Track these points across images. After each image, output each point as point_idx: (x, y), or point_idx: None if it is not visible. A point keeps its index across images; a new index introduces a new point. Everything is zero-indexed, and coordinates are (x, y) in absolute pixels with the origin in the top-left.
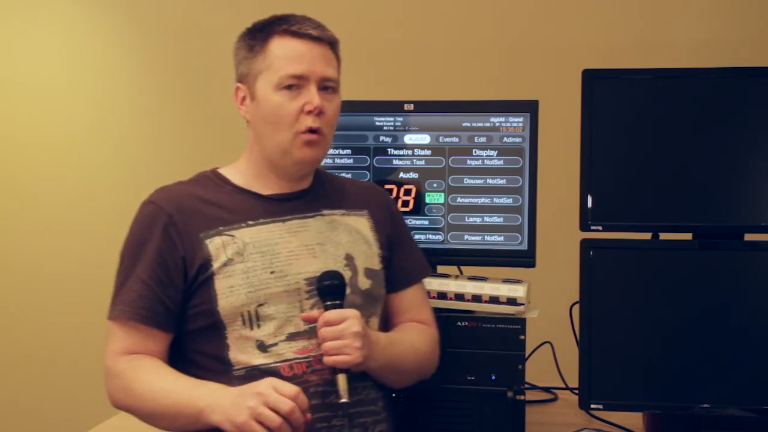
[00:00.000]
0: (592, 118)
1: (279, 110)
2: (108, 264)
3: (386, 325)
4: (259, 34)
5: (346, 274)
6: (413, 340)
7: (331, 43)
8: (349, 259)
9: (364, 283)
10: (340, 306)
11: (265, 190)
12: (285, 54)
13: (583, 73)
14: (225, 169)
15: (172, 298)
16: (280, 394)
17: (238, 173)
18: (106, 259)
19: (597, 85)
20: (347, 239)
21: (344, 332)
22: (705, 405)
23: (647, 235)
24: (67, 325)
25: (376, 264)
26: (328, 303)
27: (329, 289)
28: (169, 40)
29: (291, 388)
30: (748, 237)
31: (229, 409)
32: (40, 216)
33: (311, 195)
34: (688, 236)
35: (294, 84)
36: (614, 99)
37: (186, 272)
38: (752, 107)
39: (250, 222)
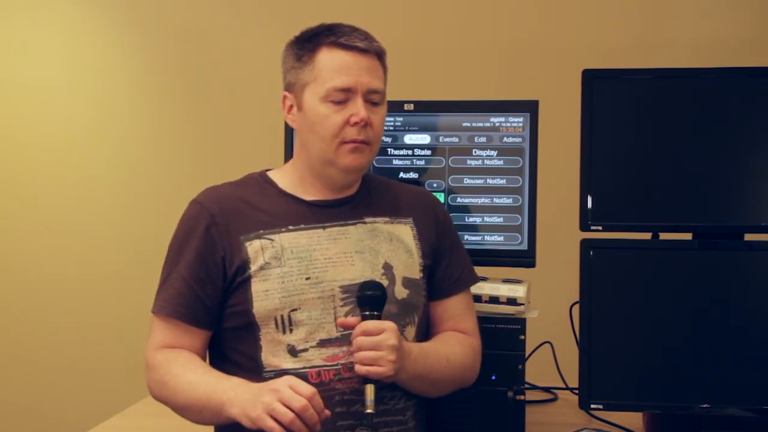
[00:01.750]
0: (592, 118)
1: (325, 121)
2: (108, 264)
3: (428, 333)
4: (307, 45)
5: (383, 282)
6: (449, 350)
7: (379, 54)
8: (387, 268)
9: (401, 292)
10: (378, 317)
11: (308, 195)
12: (332, 66)
13: (583, 73)
14: (274, 172)
15: (210, 296)
16: (295, 392)
17: (285, 177)
18: (106, 259)
19: (597, 85)
20: (387, 248)
21: (381, 344)
22: (705, 405)
23: (647, 235)
24: (67, 326)
25: (416, 273)
26: (366, 313)
27: (371, 299)
28: (169, 40)
29: (307, 388)
30: (748, 237)
31: (246, 404)
32: (40, 216)
33: (355, 202)
34: (688, 236)
35: (341, 96)
36: (614, 99)
37: (225, 272)
38: (752, 107)
39: (290, 227)
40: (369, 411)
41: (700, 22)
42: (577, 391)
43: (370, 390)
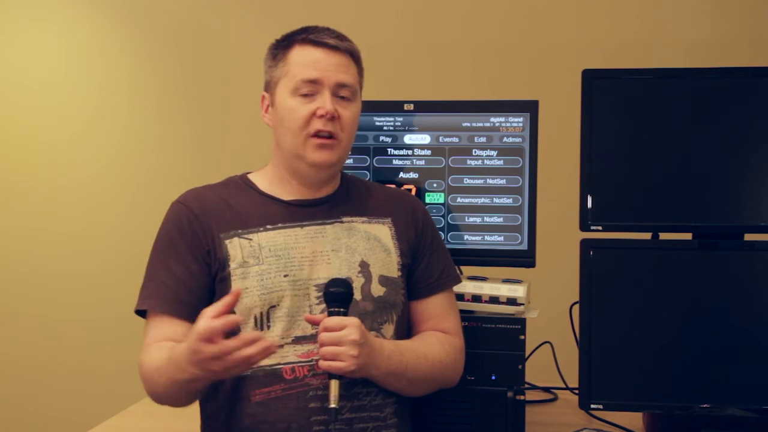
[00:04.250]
0: (592, 118)
1: (292, 114)
2: (108, 263)
3: (410, 332)
4: (282, 44)
5: (359, 281)
6: (427, 349)
7: (351, 53)
8: (364, 267)
9: (377, 290)
10: (344, 314)
11: (287, 195)
12: (302, 60)
13: (583, 73)
14: (253, 174)
15: (202, 288)
16: (203, 342)
17: (263, 178)
18: (106, 258)
19: (597, 85)
20: (364, 246)
21: (342, 339)
22: (705, 405)
23: (647, 235)
24: (67, 325)
25: (394, 272)
26: (332, 309)
27: (334, 296)
28: (169, 40)
29: (204, 328)
30: (748, 237)
31: (208, 373)
32: (40, 216)
33: (333, 201)
34: (688, 236)
35: (309, 89)
36: (614, 99)
37: (210, 266)
38: (752, 107)
39: (268, 226)
40: (332, 406)
41: (699, 23)
42: (577, 391)
43: (333, 385)
